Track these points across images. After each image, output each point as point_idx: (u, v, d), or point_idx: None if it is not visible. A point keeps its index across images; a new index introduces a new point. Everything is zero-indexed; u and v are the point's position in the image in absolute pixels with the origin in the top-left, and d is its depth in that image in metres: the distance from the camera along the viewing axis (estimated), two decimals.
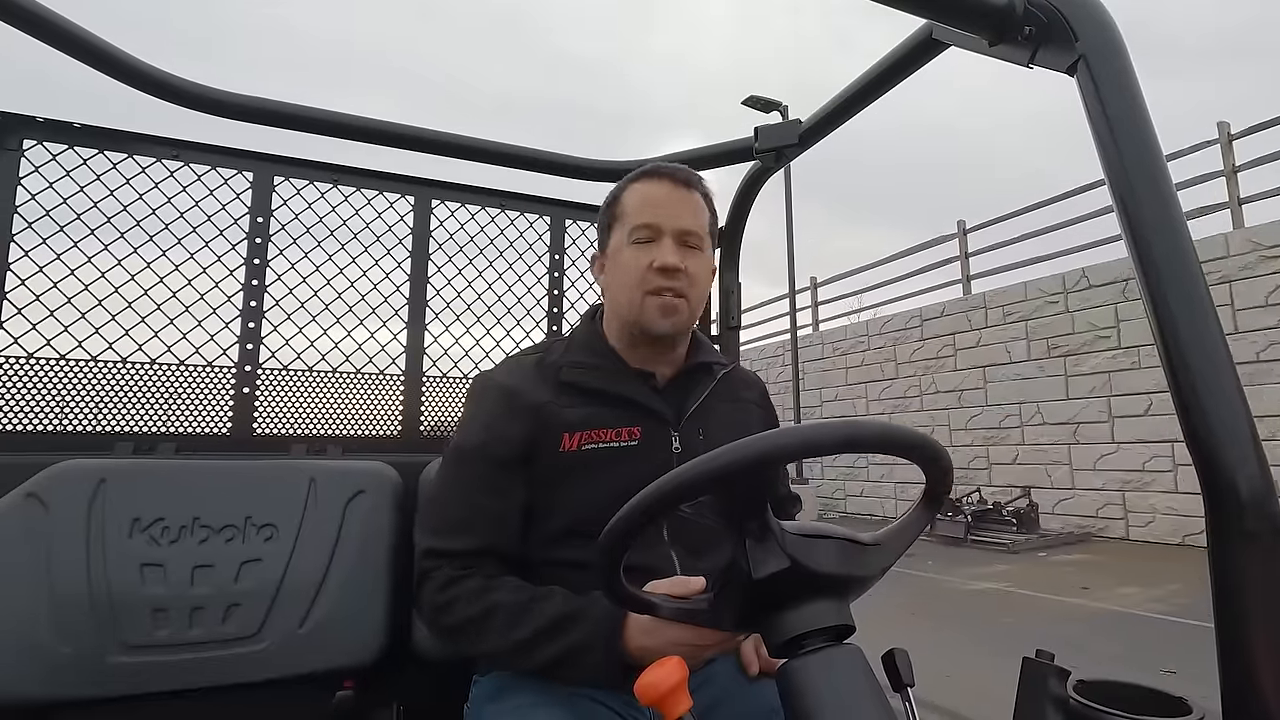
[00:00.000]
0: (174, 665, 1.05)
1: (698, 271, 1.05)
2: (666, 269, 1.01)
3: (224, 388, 1.40)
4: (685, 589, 0.80)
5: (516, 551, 0.99)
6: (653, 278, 1.02)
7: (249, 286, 1.43)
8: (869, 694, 0.63)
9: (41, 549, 1.04)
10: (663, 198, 1.05)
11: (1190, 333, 0.65)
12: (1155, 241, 0.68)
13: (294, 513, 1.19)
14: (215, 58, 64.98)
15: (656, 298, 1.02)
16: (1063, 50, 0.77)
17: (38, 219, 1.28)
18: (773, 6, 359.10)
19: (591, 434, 1.00)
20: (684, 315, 1.04)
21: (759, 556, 0.66)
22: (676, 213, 1.04)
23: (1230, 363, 0.64)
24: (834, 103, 1.34)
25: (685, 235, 1.04)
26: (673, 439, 1.04)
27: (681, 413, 1.07)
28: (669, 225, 1.03)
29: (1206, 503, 0.63)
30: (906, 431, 0.70)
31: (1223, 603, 0.62)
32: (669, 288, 1.02)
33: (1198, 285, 0.66)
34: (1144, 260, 0.68)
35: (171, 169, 1.40)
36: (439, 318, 1.62)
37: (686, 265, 1.03)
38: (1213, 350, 0.64)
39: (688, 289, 1.04)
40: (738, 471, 0.63)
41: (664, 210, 1.04)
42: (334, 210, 1.53)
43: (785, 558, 0.65)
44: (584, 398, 1.03)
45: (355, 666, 1.16)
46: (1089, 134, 0.75)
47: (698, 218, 1.06)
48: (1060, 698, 0.75)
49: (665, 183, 1.06)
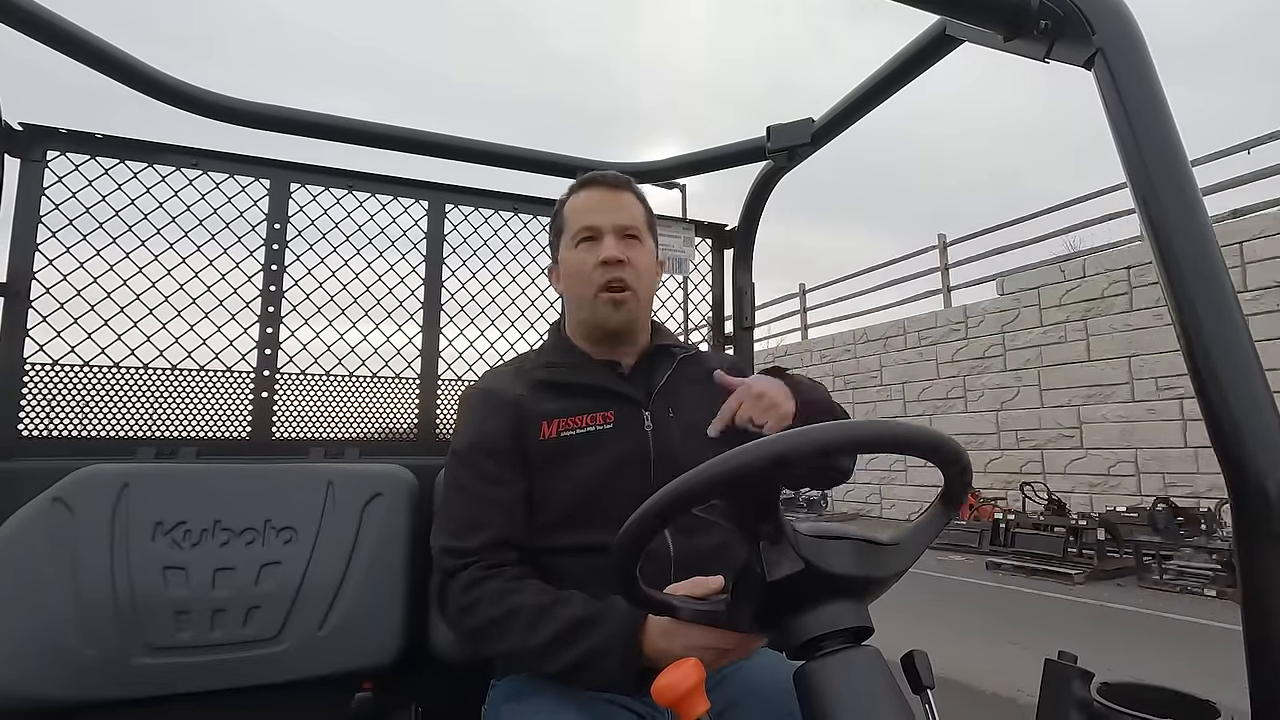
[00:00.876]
0: (196, 666, 1.07)
1: (640, 260, 1.13)
2: (609, 261, 1.09)
3: (243, 392, 1.42)
4: (705, 589, 0.81)
5: (524, 538, 1.02)
6: (600, 273, 1.09)
7: (267, 292, 1.45)
8: (888, 696, 0.62)
9: (67, 552, 1.06)
10: (597, 201, 1.14)
11: (1215, 332, 0.64)
12: (1178, 239, 0.67)
13: (313, 516, 1.20)
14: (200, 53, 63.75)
15: (606, 293, 1.09)
16: (1079, 44, 0.76)
17: (61, 228, 1.31)
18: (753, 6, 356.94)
19: (568, 421, 1.06)
20: (632, 305, 1.12)
21: (773, 559, 0.65)
22: (613, 213, 1.13)
23: (1257, 363, 0.63)
24: (847, 101, 1.33)
25: (623, 229, 1.12)
26: (644, 418, 1.09)
27: (649, 393, 1.13)
28: (607, 223, 1.12)
29: (1233, 505, 0.62)
30: (924, 431, 0.69)
31: (1251, 604, 0.61)
32: (615, 279, 1.09)
33: (1222, 283, 0.65)
34: (1166, 258, 0.67)
35: (190, 177, 1.42)
36: (453, 321, 1.63)
37: (629, 256, 1.10)
38: (1239, 350, 0.63)
39: (634, 280, 1.11)
40: (750, 475, 0.63)
41: (600, 211, 1.13)
42: (349, 216, 1.55)
43: (799, 560, 0.65)
44: (557, 391, 1.10)
45: (374, 668, 1.17)
46: (1108, 130, 0.74)
47: (632, 212, 1.15)
48: (1084, 700, 0.74)
49: (598, 188, 1.15)
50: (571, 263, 1.13)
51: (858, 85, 1.30)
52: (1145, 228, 0.69)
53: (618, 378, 1.13)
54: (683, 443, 1.07)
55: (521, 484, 1.04)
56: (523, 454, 1.05)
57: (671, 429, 1.09)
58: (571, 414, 1.06)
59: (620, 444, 1.06)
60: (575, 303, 1.15)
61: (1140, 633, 4.40)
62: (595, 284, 1.10)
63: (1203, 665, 3.47)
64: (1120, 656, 3.82)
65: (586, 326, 1.15)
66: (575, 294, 1.14)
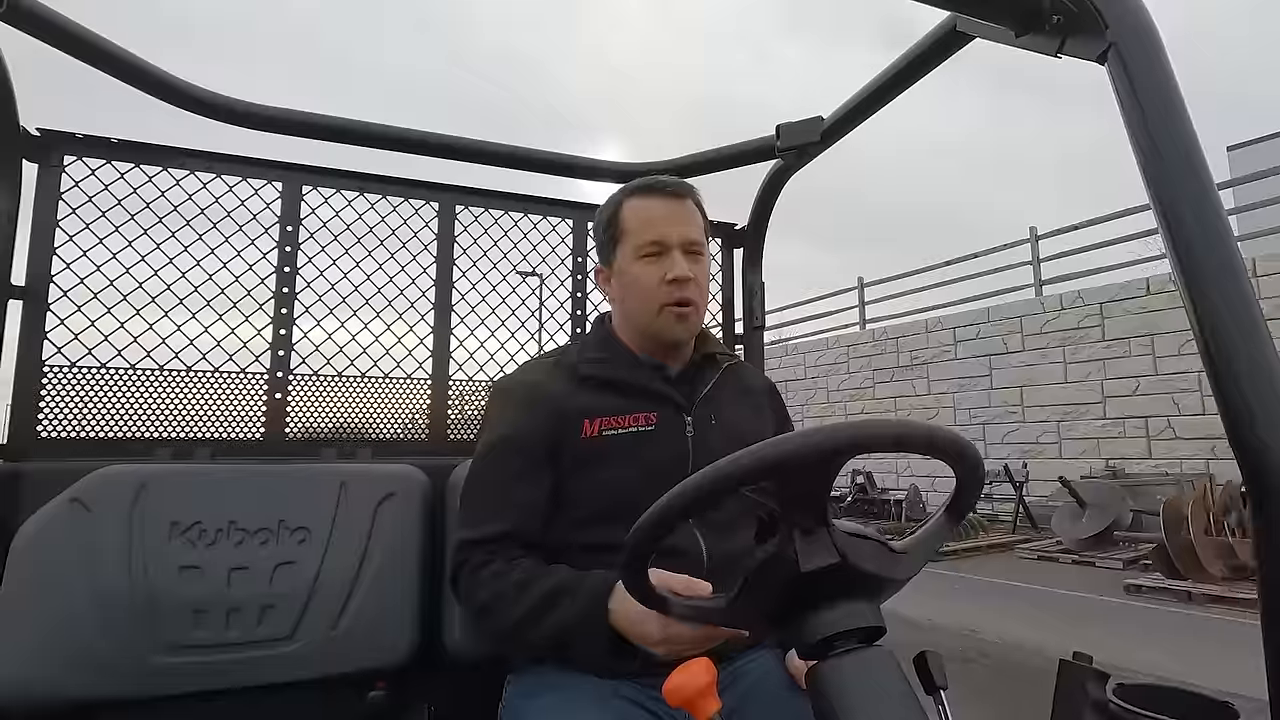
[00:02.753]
0: (212, 665, 1.08)
1: (702, 275, 1.13)
2: (680, 280, 1.07)
3: (257, 394, 1.43)
4: (692, 590, 0.80)
5: (540, 536, 1.03)
6: (667, 291, 1.08)
7: (280, 294, 1.46)
8: (904, 698, 0.62)
9: (86, 552, 1.08)
10: (664, 213, 1.11)
11: (1232, 328, 0.63)
12: (1194, 235, 0.66)
13: (326, 516, 1.21)
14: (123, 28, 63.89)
15: (673, 308, 1.08)
16: (1092, 39, 0.76)
17: (79, 232, 1.32)
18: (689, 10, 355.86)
19: (610, 420, 1.05)
20: (696, 320, 1.12)
21: (808, 549, 0.65)
22: (679, 226, 1.10)
23: (1273, 353, 0.62)
24: (857, 99, 1.32)
25: (690, 245, 1.10)
26: (686, 424, 1.09)
27: (693, 399, 1.12)
28: (675, 238, 1.09)
29: (1251, 502, 0.61)
30: (953, 437, 0.69)
31: (1271, 602, 0.60)
32: (684, 298, 1.08)
33: (1240, 280, 0.64)
34: (1182, 255, 0.66)
35: (204, 181, 1.43)
36: (464, 321, 1.64)
37: (695, 273, 1.10)
38: (1256, 346, 0.62)
39: (698, 296, 1.11)
40: (761, 474, 0.63)
41: (667, 225, 1.10)
42: (360, 218, 1.56)
43: (835, 553, 0.64)
44: (601, 389, 1.09)
45: (387, 667, 1.18)
46: (1122, 127, 0.73)
47: (697, 225, 1.13)
48: (1100, 701, 0.74)
49: (662, 198, 1.12)
50: (635, 275, 1.10)
51: (868, 83, 1.29)
52: (1161, 224, 0.69)
53: (663, 380, 1.12)
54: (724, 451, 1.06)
55: (548, 481, 1.04)
56: (557, 452, 1.04)
57: (713, 436, 1.09)
58: (615, 413, 1.06)
59: (661, 447, 1.05)
60: (633, 313, 1.13)
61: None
62: (661, 300, 1.08)
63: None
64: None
65: (644, 337, 1.14)
66: (637, 306, 1.12)
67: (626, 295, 1.13)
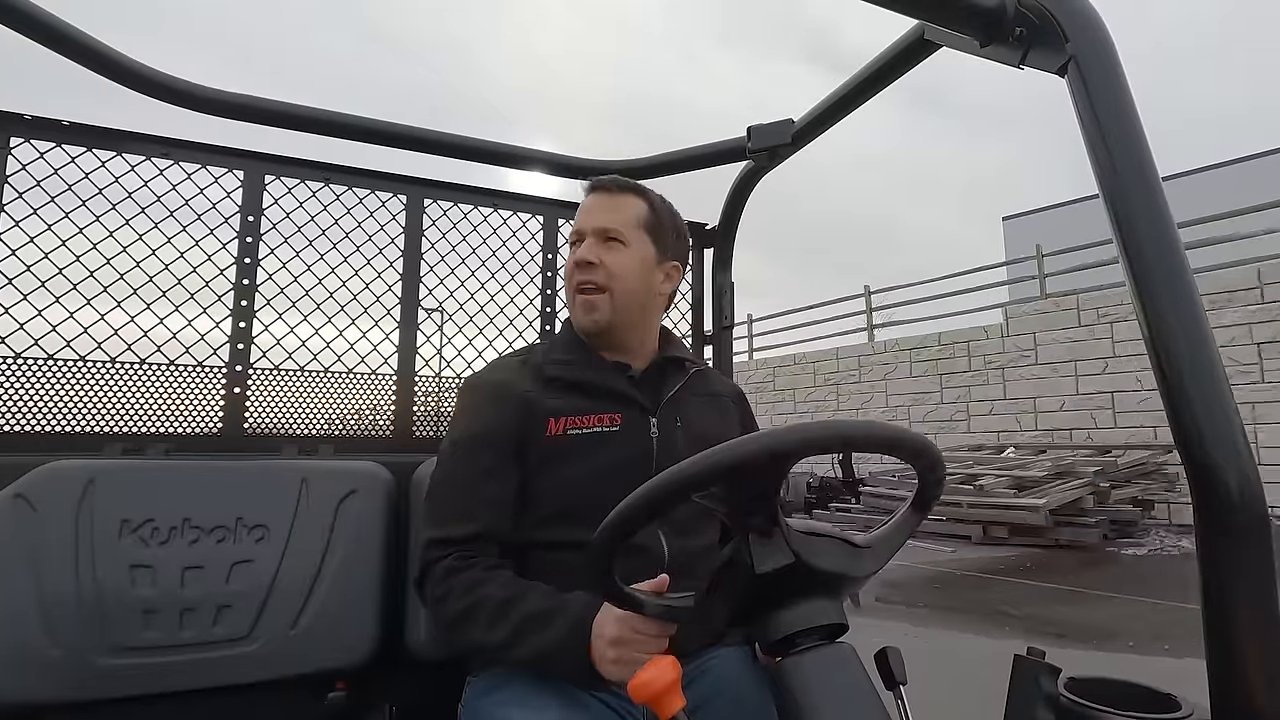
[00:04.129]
0: (164, 667, 1.05)
1: (616, 261, 1.11)
2: (580, 263, 1.11)
3: (215, 388, 1.39)
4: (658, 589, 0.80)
5: (510, 536, 1.03)
6: (574, 275, 1.12)
7: (240, 286, 1.42)
8: (866, 693, 0.63)
9: (30, 550, 1.03)
10: (590, 205, 1.16)
11: (1180, 334, 0.65)
12: (1146, 242, 0.69)
13: (286, 513, 1.18)
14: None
15: (579, 295, 1.12)
16: (1053, 51, 0.78)
17: (25, 217, 1.27)
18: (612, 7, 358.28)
19: (575, 420, 1.06)
20: (605, 309, 1.11)
21: (762, 551, 0.66)
22: (596, 214, 1.14)
23: (1219, 364, 0.64)
24: (826, 103, 1.34)
25: (603, 232, 1.12)
26: (650, 425, 1.10)
27: (658, 401, 1.12)
28: (588, 225, 1.13)
29: (1195, 501, 0.63)
30: (910, 435, 0.70)
31: (1211, 599, 0.62)
32: (585, 281, 1.11)
33: (1188, 287, 0.67)
34: (1134, 261, 0.69)
35: (161, 167, 1.38)
36: (431, 317, 1.61)
37: (602, 259, 1.11)
38: (1202, 351, 0.65)
39: (606, 280, 1.11)
40: (720, 475, 0.63)
41: (587, 215, 1.15)
42: (325, 209, 1.52)
43: (790, 553, 0.65)
44: (566, 389, 1.09)
45: (347, 667, 1.16)
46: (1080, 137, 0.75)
47: (619, 214, 1.14)
48: (1051, 695, 0.76)
49: (596, 193, 1.17)
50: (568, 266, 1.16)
51: (837, 87, 1.31)
52: (1115, 232, 0.71)
53: (628, 381, 1.13)
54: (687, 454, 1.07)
55: (515, 479, 1.04)
56: (523, 450, 1.05)
57: (677, 438, 1.10)
58: (579, 413, 1.06)
59: (624, 447, 1.06)
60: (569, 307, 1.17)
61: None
62: (571, 288, 1.14)
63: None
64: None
65: (605, 345, 1.16)
66: (567, 298, 1.17)
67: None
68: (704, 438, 1.08)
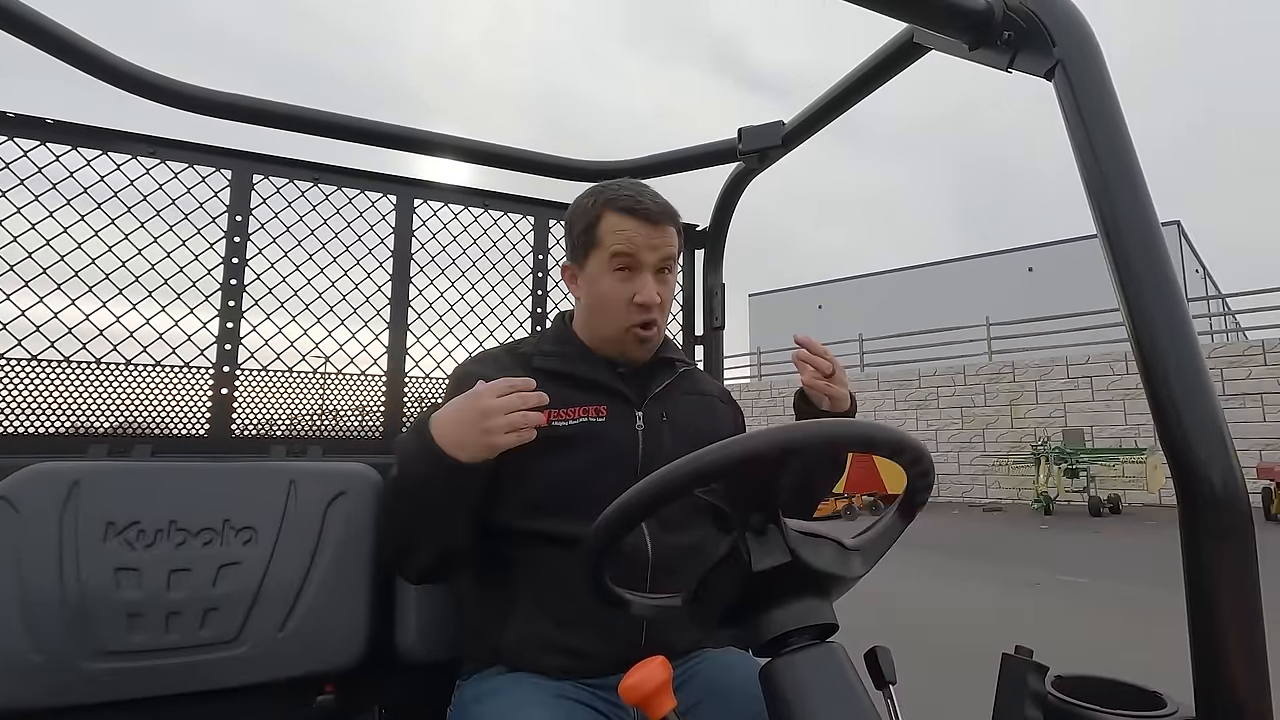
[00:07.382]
0: (150, 671, 1.03)
1: (668, 295, 1.14)
2: (647, 305, 1.08)
3: (202, 389, 1.38)
4: (514, 389, 0.92)
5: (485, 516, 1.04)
6: (634, 313, 1.09)
7: (227, 286, 1.41)
8: (856, 693, 0.63)
9: (12, 553, 1.02)
10: (643, 234, 1.08)
11: (1165, 336, 0.66)
12: (1132, 246, 0.69)
13: (274, 515, 1.17)
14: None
15: (638, 330, 1.10)
16: (1041, 55, 0.79)
17: (9, 216, 1.25)
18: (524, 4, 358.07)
19: (561, 412, 1.05)
20: (658, 340, 1.15)
21: (760, 549, 0.66)
22: (655, 247, 1.09)
23: (1203, 366, 0.65)
24: (816, 105, 1.34)
25: (663, 263, 1.11)
26: (636, 418, 1.10)
27: (644, 396, 1.12)
28: (649, 259, 1.09)
29: (1180, 501, 0.64)
30: (894, 433, 0.71)
31: (1195, 598, 0.63)
32: (648, 320, 1.09)
33: (1173, 290, 0.68)
34: (1120, 264, 0.70)
35: (148, 166, 1.37)
36: (421, 318, 1.60)
37: (662, 294, 1.10)
38: (1187, 353, 0.65)
39: (662, 318, 1.13)
40: (731, 467, 0.63)
41: (643, 245, 1.08)
42: (314, 209, 1.51)
43: (786, 552, 0.65)
44: (553, 380, 1.08)
45: (336, 670, 1.15)
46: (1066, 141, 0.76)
47: (671, 247, 1.12)
48: (1038, 693, 0.76)
49: (643, 220, 1.08)
50: (604, 288, 1.09)
51: (827, 90, 1.31)
52: (1101, 236, 0.72)
53: (616, 375, 1.13)
54: (672, 448, 1.06)
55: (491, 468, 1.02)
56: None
57: (663, 433, 1.10)
58: (565, 405, 1.06)
59: (609, 439, 1.06)
60: (599, 325, 1.13)
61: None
62: (627, 321, 1.09)
63: None
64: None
65: (606, 348, 1.14)
66: (602, 320, 1.12)
67: (593, 304, 1.12)
68: (690, 434, 1.09)
